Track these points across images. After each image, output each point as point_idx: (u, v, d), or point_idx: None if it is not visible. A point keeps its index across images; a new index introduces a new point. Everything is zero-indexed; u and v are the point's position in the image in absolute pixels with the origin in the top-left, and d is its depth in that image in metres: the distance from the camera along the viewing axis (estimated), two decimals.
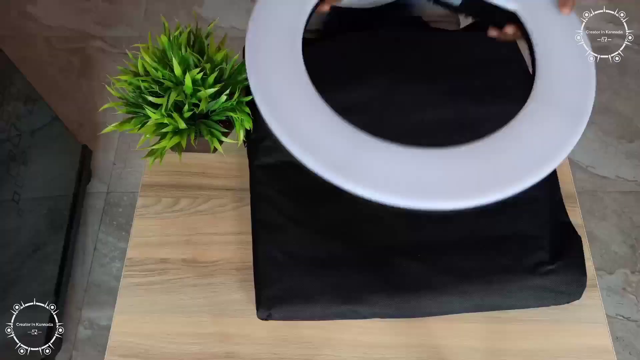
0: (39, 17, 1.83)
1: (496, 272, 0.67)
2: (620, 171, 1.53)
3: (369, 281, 0.68)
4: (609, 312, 1.33)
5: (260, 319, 0.67)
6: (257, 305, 0.66)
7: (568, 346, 0.66)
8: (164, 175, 0.79)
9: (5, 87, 1.15)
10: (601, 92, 1.65)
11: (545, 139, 0.56)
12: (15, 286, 1.15)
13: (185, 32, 0.71)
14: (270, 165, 0.75)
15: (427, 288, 0.66)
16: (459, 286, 0.66)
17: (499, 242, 0.70)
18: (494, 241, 0.70)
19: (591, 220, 1.45)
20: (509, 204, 0.71)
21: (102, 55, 1.75)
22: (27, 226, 1.22)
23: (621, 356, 1.29)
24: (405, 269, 0.68)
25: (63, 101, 1.65)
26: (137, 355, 0.67)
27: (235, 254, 0.73)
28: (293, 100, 0.57)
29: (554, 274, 0.66)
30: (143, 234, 0.75)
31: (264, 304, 0.66)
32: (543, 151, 0.55)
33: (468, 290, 0.65)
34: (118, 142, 1.59)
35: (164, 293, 0.70)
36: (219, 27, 1.77)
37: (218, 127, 0.71)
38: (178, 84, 0.69)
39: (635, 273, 1.39)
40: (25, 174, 1.20)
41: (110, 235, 1.46)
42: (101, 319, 1.35)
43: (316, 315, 0.67)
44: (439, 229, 0.70)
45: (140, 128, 0.69)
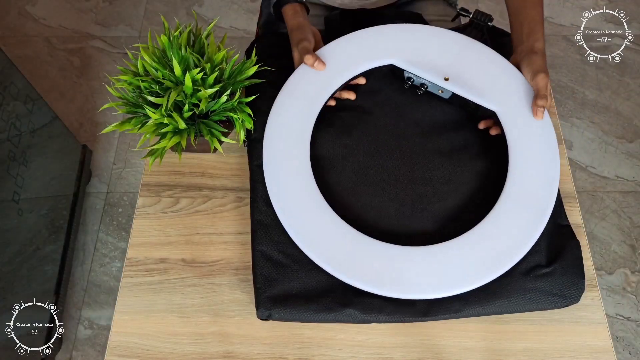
0: (39, 17, 1.83)
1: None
2: (620, 171, 1.53)
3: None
4: (609, 312, 1.33)
5: (260, 319, 0.67)
6: (257, 305, 0.66)
7: (568, 346, 0.66)
8: (164, 175, 0.79)
9: (5, 87, 1.15)
10: (601, 92, 1.65)
11: (510, 235, 0.67)
12: (15, 286, 1.15)
13: (185, 32, 0.71)
14: None
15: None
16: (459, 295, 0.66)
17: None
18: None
19: (591, 220, 1.45)
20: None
21: (102, 55, 1.75)
22: (27, 226, 1.22)
23: (621, 356, 1.29)
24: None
25: (63, 101, 1.65)
26: (137, 355, 0.67)
27: (235, 254, 0.73)
28: (303, 206, 0.69)
29: (551, 277, 0.66)
30: (143, 234, 0.75)
31: (263, 304, 0.66)
32: (507, 246, 0.66)
33: (467, 297, 0.66)
34: (118, 142, 1.59)
35: (164, 293, 0.70)
36: (219, 27, 1.77)
37: (218, 127, 0.71)
38: (178, 83, 0.69)
39: (635, 273, 1.39)
40: (25, 174, 1.20)
41: (110, 235, 1.46)
42: (101, 319, 1.35)
43: (316, 318, 0.66)
44: (435, 234, 0.71)
45: (140, 128, 0.69)
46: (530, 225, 0.67)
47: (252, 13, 1.82)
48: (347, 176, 0.74)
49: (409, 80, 0.78)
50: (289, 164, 0.71)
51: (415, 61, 0.77)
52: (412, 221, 0.71)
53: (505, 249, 0.66)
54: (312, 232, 0.67)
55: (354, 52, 0.79)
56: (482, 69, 0.77)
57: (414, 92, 0.79)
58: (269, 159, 0.72)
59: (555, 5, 1.81)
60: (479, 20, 0.81)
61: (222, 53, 0.71)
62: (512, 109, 0.74)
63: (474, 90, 0.75)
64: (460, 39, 0.80)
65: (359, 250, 0.66)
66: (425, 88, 0.78)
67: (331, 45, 0.80)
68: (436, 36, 0.80)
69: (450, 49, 0.78)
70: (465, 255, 0.66)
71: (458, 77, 0.76)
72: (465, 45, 0.79)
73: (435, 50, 0.78)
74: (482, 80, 0.76)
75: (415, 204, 0.72)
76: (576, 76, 1.67)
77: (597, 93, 1.64)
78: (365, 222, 0.70)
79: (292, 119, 0.74)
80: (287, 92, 0.76)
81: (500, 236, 0.66)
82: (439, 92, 0.77)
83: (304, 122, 0.74)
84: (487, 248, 0.66)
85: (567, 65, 1.69)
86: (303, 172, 0.71)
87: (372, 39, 0.80)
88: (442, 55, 0.78)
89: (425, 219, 0.71)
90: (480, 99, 0.74)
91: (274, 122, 0.74)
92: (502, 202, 0.68)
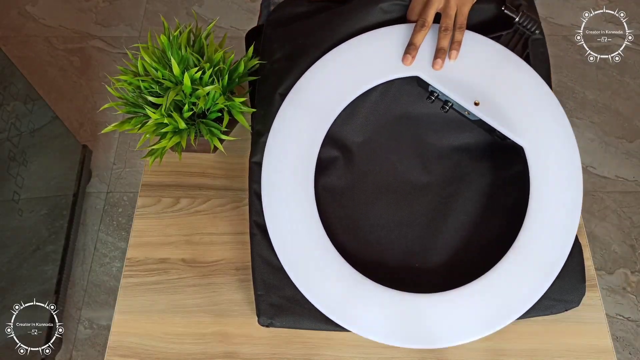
0: (39, 17, 1.83)
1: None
2: (620, 171, 1.53)
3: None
4: (609, 312, 1.33)
5: (262, 325, 0.66)
6: (258, 313, 0.66)
7: (568, 346, 0.66)
8: (164, 175, 0.79)
9: (5, 87, 1.15)
10: (601, 92, 1.65)
11: (516, 290, 0.64)
12: (15, 286, 1.15)
13: (185, 32, 0.71)
14: None
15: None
16: None
17: (491, 247, 0.69)
18: (485, 246, 0.69)
19: (591, 220, 1.45)
20: (503, 210, 0.71)
21: (102, 55, 1.75)
22: (27, 226, 1.22)
23: (621, 356, 1.29)
24: (403, 278, 0.67)
25: (63, 101, 1.65)
26: (137, 355, 0.67)
27: (235, 254, 0.73)
28: (303, 242, 0.65)
29: None
30: (143, 234, 0.75)
31: (265, 311, 0.65)
32: (511, 301, 0.63)
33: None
34: (118, 142, 1.59)
35: (164, 293, 0.70)
36: (219, 27, 1.77)
37: (217, 127, 0.71)
38: (177, 83, 0.69)
39: (635, 273, 1.39)
40: (25, 174, 1.20)
41: (110, 235, 1.46)
42: (101, 319, 1.35)
43: (319, 326, 0.65)
44: (433, 238, 0.70)
45: (140, 128, 0.69)
46: (537, 282, 0.64)
47: (252, 13, 1.82)
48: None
49: (432, 95, 0.69)
50: (290, 198, 0.66)
51: (443, 75, 0.68)
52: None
53: (509, 302, 0.63)
54: (317, 280, 0.64)
55: (378, 57, 0.69)
56: (518, 95, 0.68)
57: (437, 107, 0.71)
58: (268, 189, 0.67)
59: (555, 5, 1.81)
60: (524, 28, 0.70)
61: (221, 53, 0.71)
62: (542, 148, 0.67)
63: (506, 120, 0.67)
64: (499, 52, 0.70)
65: (372, 302, 0.63)
66: (450, 105, 0.70)
67: (353, 42, 0.70)
68: (471, 45, 0.69)
69: (486, 64, 0.69)
70: (475, 304, 0.63)
71: (489, 102, 0.67)
72: (503, 62, 0.69)
73: (468, 63, 0.68)
74: (515, 108, 0.67)
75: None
76: (576, 76, 1.67)
77: (597, 93, 1.64)
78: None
79: (297, 136, 0.68)
80: (296, 101, 0.69)
81: (506, 289, 0.63)
82: (465, 113, 0.70)
83: (310, 145, 0.67)
84: (494, 300, 0.63)
85: (567, 65, 1.69)
86: (306, 208, 0.66)
87: (394, 43, 0.69)
88: (475, 72, 0.68)
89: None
90: (510, 131, 0.67)
91: (275, 142, 0.68)
92: (515, 250, 0.64)
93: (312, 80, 0.69)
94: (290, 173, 0.67)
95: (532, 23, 0.69)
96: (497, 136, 0.71)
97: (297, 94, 0.69)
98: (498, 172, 0.72)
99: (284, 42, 0.74)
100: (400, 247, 0.69)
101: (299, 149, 0.68)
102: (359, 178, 0.72)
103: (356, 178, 0.72)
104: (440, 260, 0.68)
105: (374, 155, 0.73)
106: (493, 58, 0.69)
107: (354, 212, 0.71)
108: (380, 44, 0.70)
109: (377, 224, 0.70)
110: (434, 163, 0.73)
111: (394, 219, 0.70)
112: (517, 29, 0.70)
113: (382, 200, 0.71)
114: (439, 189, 0.72)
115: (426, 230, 0.70)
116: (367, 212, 0.71)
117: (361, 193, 0.72)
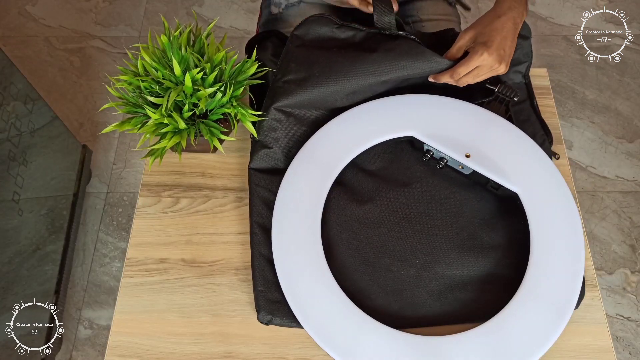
0: (39, 17, 1.83)
1: (490, 282, 0.68)
2: (620, 171, 1.53)
3: (369, 287, 0.68)
4: (609, 312, 1.33)
5: (261, 322, 0.67)
6: (258, 309, 0.66)
7: (568, 346, 0.66)
8: (164, 175, 0.79)
9: (5, 87, 1.15)
10: (601, 92, 1.65)
11: (529, 332, 0.63)
12: (15, 286, 1.15)
13: (185, 32, 0.71)
14: (264, 170, 0.75)
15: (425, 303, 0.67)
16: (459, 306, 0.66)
17: (490, 251, 0.70)
18: (483, 249, 0.70)
19: (591, 220, 1.45)
20: (503, 213, 0.71)
21: (102, 55, 1.75)
22: (27, 226, 1.22)
23: (621, 356, 1.29)
24: (402, 275, 0.68)
25: (63, 101, 1.65)
26: (137, 355, 0.67)
27: (235, 254, 0.73)
28: (311, 284, 0.66)
29: None
30: (143, 234, 0.75)
31: (265, 307, 0.66)
32: (523, 345, 0.63)
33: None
34: (118, 142, 1.59)
35: (164, 293, 0.70)
36: (219, 27, 1.77)
37: (217, 127, 0.71)
38: (178, 83, 0.69)
39: (635, 273, 1.39)
40: (25, 174, 1.20)
41: (110, 235, 1.46)
42: (101, 318, 1.35)
43: None
44: (432, 242, 0.71)
45: (140, 128, 0.69)
46: (550, 323, 0.64)
47: (252, 13, 1.82)
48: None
49: (427, 153, 0.75)
50: (300, 249, 0.68)
51: (436, 135, 0.74)
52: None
53: (522, 345, 0.63)
54: (331, 330, 0.64)
55: (374, 122, 0.76)
56: (506, 147, 0.74)
57: (434, 165, 0.76)
58: (278, 243, 0.69)
59: (555, 5, 1.81)
60: (503, 95, 0.77)
61: (221, 53, 0.71)
62: (534, 192, 0.71)
63: (497, 169, 0.72)
64: (484, 114, 0.77)
65: (387, 348, 0.63)
66: (445, 162, 0.75)
67: (353, 111, 0.77)
68: (459, 110, 0.77)
69: (473, 124, 0.76)
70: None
71: (480, 155, 0.73)
72: (488, 121, 0.76)
73: (457, 124, 0.76)
74: (504, 159, 0.73)
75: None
76: (576, 76, 1.67)
77: (597, 93, 1.64)
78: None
79: (303, 189, 0.72)
80: (303, 157, 0.74)
81: (518, 331, 0.64)
82: (459, 168, 0.75)
83: (316, 196, 0.72)
84: (504, 342, 0.63)
85: (567, 65, 1.69)
86: (316, 258, 0.68)
87: (393, 109, 0.77)
88: (464, 130, 0.75)
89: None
90: (502, 179, 0.71)
91: (285, 194, 0.72)
92: (521, 294, 0.65)
93: (319, 140, 0.76)
94: (300, 215, 0.71)
95: (511, 91, 0.77)
96: (491, 187, 0.74)
97: (305, 152, 0.75)
98: (501, 219, 0.73)
99: (301, 66, 0.76)
100: (410, 293, 0.69)
101: (310, 195, 0.72)
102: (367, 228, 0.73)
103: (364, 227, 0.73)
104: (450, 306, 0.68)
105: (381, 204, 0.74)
106: (480, 119, 0.77)
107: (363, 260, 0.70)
108: (378, 112, 0.77)
109: (389, 265, 0.70)
110: (449, 211, 0.74)
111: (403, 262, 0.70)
112: (498, 96, 0.77)
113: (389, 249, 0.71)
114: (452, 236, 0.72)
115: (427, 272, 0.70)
116: (381, 249, 0.71)
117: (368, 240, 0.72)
